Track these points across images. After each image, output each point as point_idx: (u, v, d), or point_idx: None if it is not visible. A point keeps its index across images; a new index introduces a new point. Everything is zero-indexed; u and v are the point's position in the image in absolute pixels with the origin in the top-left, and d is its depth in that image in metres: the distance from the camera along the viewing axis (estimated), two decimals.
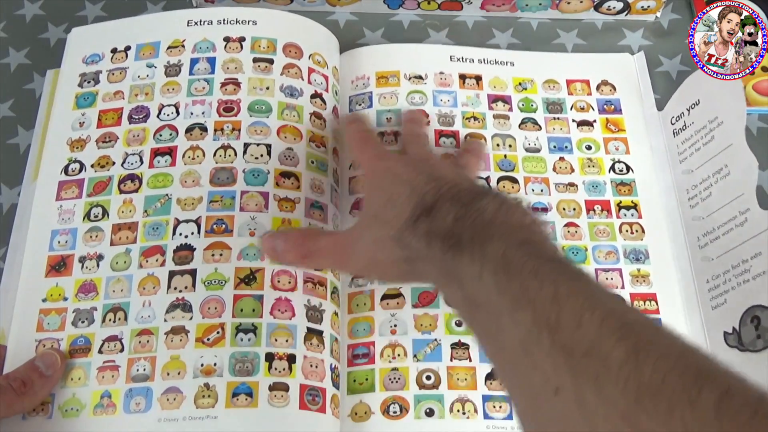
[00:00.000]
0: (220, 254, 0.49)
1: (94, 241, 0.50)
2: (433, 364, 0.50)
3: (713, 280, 0.52)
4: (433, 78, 0.60)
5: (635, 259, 0.54)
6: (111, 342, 0.47)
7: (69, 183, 0.52)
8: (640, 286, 0.53)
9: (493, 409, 0.49)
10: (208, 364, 0.46)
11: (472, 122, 0.58)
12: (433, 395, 0.49)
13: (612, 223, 0.55)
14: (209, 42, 0.56)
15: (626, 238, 0.55)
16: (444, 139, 0.57)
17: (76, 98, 0.55)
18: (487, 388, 0.49)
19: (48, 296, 0.48)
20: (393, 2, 0.65)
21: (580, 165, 0.58)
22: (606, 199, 0.56)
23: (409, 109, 0.58)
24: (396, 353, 0.50)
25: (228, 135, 0.53)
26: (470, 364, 0.50)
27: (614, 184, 0.57)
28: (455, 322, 0.51)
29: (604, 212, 0.56)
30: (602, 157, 0.58)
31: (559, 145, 0.58)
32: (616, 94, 0.61)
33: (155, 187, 0.51)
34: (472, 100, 0.59)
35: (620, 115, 0.60)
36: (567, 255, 0.53)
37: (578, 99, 0.60)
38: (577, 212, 0.56)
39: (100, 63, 0.57)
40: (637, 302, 0.53)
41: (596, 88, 0.61)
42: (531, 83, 0.61)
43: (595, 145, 0.58)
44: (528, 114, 0.59)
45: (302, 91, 0.56)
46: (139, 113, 0.54)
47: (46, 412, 0.45)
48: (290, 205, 0.51)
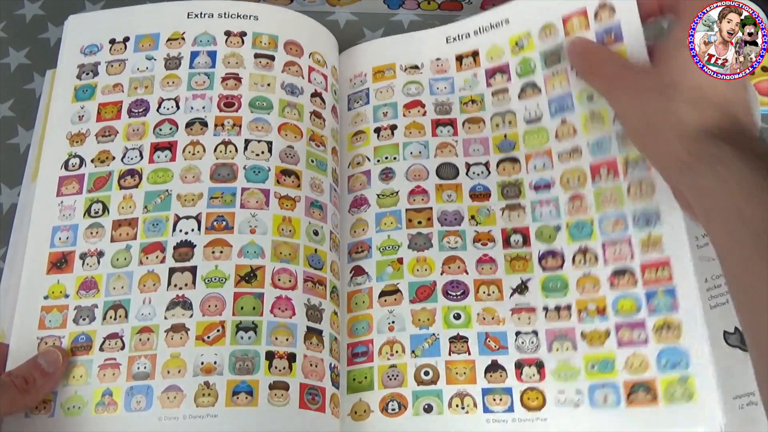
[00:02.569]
0: (220, 251, 0.49)
1: (94, 237, 0.50)
2: (431, 360, 0.50)
3: (713, 280, 0.53)
4: (429, 66, 0.59)
5: (645, 222, 0.50)
6: (112, 339, 0.47)
7: (69, 178, 0.52)
8: (650, 253, 0.49)
9: (493, 402, 0.48)
10: (209, 362, 0.46)
11: (470, 106, 0.57)
12: (432, 391, 0.49)
13: (619, 186, 0.51)
14: (210, 35, 0.56)
15: (635, 199, 0.51)
16: (441, 128, 0.57)
17: (75, 90, 0.55)
18: (486, 381, 0.49)
19: (49, 293, 0.48)
20: (393, 2, 0.65)
21: (582, 122, 0.53)
22: (612, 157, 0.52)
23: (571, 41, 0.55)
24: (394, 350, 0.50)
25: (229, 130, 0.52)
26: (469, 357, 0.50)
27: (619, 137, 0.52)
28: (453, 315, 0.51)
29: (611, 173, 0.52)
30: (605, 108, 0.53)
31: (560, 105, 0.55)
32: (615, 16, 0.54)
33: (155, 182, 0.51)
34: (470, 83, 0.58)
35: (622, 43, 0.53)
36: (571, 232, 0.53)
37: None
38: (581, 181, 0.53)
39: (99, 54, 0.56)
40: (648, 272, 0.49)
41: (594, 16, 0.55)
42: (527, 38, 0.57)
43: (597, 93, 0.54)
44: (527, 78, 0.57)
45: (303, 89, 0.55)
46: (139, 107, 0.54)
47: (48, 410, 0.45)
48: (291, 204, 0.51)
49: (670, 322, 0.48)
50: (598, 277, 0.50)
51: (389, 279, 0.52)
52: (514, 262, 0.52)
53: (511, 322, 0.51)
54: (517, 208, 0.54)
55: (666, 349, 0.47)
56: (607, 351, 0.48)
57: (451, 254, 0.53)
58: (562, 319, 0.50)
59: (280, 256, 0.49)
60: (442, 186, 0.55)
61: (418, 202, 0.54)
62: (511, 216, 0.54)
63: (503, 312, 0.51)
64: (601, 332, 0.49)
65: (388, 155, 0.56)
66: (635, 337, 0.48)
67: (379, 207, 0.55)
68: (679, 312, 0.48)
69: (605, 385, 0.48)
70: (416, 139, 0.56)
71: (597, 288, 0.50)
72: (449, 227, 0.53)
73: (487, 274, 0.52)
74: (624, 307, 0.49)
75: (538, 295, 0.51)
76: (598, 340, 0.49)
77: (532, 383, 0.49)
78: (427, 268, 0.52)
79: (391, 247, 0.53)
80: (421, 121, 0.57)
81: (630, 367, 0.48)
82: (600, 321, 0.49)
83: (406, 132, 0.57)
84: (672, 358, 0.47)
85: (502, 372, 0.49)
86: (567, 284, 0.51)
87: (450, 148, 0.56)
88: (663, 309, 0.48)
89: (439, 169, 0.55)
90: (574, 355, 0.49)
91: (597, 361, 0.48)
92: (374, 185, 0.55)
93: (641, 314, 0.48)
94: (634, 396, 0.47)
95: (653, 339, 0.48)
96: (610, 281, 0.50)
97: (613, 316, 0.49)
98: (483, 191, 0.55)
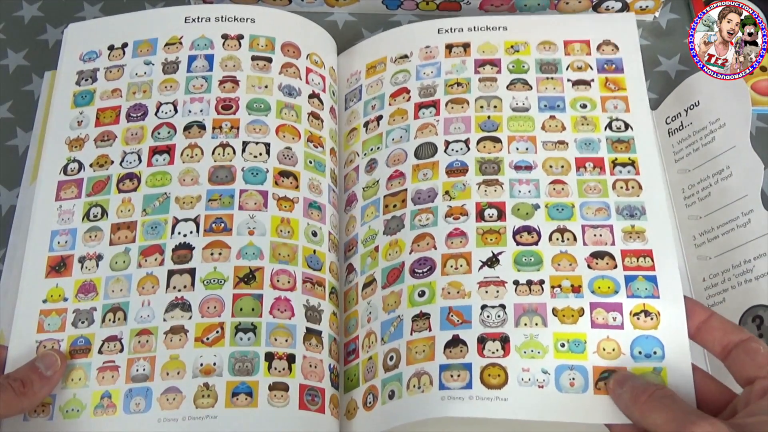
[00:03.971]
0: (219, 253, 0.49)
1: (93, 241, 0.50)
2: (395, 343, 0.47)
3: (710, 279, 0.52)
4: (417, 53, 0.58)
5: (629, 215, 0.49)
6: (111, 342, 0.47)
7: (68, 183, 0.52)
8: (633, 242, 0.48)
9: (450, 379, 0.45)
10: (208, 363, 0.46)
11: (455, 88, 0.55)
12: (394, 376, 0.46)
13: (605, 180, 0.51)
14: (207, 39, 0.56)
15: (620, 194, 0.50)
16: (424, 110, 0.55)
17: (74, 96, 0.55)
18: (445, 357, 0.46)
19: (48, 297, 0.48)
20: (392, 3, 0.65)
21: (572, 123, 0.53)
22: (599, 156, 0.52)
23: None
24: (371, 341, 0.49)
25: (226, 133, 0.53)
26: (429, 333, 0.47)
27: (610, 142, 0.52)
28: (418, 293, 0.48)
29: (596, 169, 0.51)
30: (598, 116, 0.54)
31: (551, 104, 0.54)
32: (618, 53, 0.56)
33: (154, 185, 0.51)
34: (457, 67, 0.56)
35: (621, 74, 0.55)
36: (550, 212, 0.50)
37: (576, 59, 0.56)
38: (565, 169, 0.52)
39: (98, 60, 0.56)
40: (629, 259, 0.48)
41: (597, 48, 0.57)
42: (524, 45, 0.57)
43: (591, 104, 0.54)
44: (518, 75, 0.56)
45: (300, 90, 0.55)
46: (137, 111, 0.54)
47: (47, 413, 0.45)
48: (289, 205, 0.51)
49: (650, 309, 0.46)
50: (574, 256, 0.48)
51: (369, 270, 0.51)
52: (486, 235, 0.49)
53: (478, 295, 0.47)
54: (494, 184, 0.51)
55: (641, 337, 0.45)
56: (580, 330, 0.46)
57: (421, 232, 0.50)
58: (534, 293, 0.47)
59: (279, 257, 0.49)
60: (419, 166, 0.53)
61: (395, 186, 0.53)
62: (488, 191, 0.51)
63: (469, 285, 0.48)
64: (574, 310, 0.46)
65: (373, 146, 0.55)
66: (610, 319, 0.46)
67: (364, 200, 0.54)
68: (659, 299, 0.46)
69: (573, 367, 0.45)
70: (399, 125, 0.55)
71: (573, 266, 0.48)
72: (422, 205, 0.51)
73: (456, 247, 0.49)
74: (601, 288, 0.47)
75: (510, 269, 0.48)
76: (570, 317, 0.46)
77: (494, 358, 0.45)
78: (397, 251, 0.50)
79: (370, 238, 0.52)
80: (405, 107, 0.56)
81: (602, 351, 0.45)
82: (575, 298, 0.47)
83: (390, 120, 0.56)
84: (646, 348, 0.45)
85: (463, 347, 0.46)
86: (542, 260, 0.48)
87: (431, 128, 0.54)
88: (642, 294, 0.46)
89: (417, 150, 0.53)
90: (544, 332, 0.46)
91: (567, 340, 0.45)
92: (361, 179, 0.55)
93: (619, 297, 0.46)
94: (602, 383, 0.44)
95: (629, 324, 0.46)
96: (587, 261, 0.48)
97: (590, 294, 0.47)
98: (460, 167, 0.52)
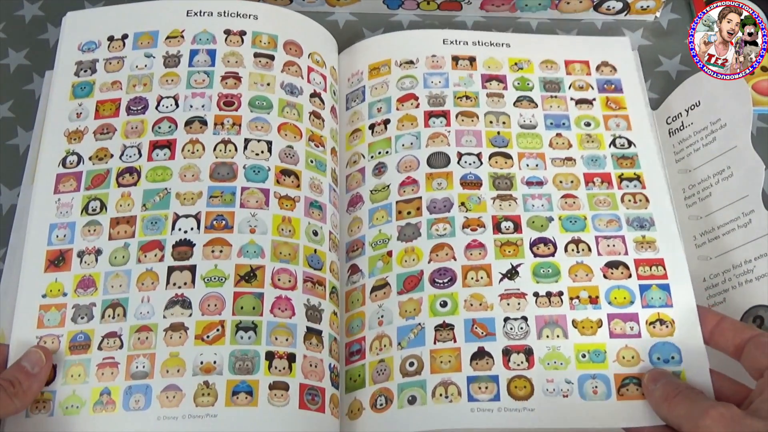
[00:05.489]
0: (220, 250, 0.48)
1: (92, 235, 0.49)
2: (416, 350, 0.48)
3: (710, 279, 0.53)
4: (424, 61, 0.59)
5: (639, 226, 0.52)
6: (110, 338, 0.46)
7: (67, 176, 0.51)
8: (645, 252, 0.51)
9: (479, 391, 0.46)
10: (208, 361, 0.45)
11: (464, 101, 0.57)
12: (416, 382, 0.47)
13: (613, 194, 0.54)
14: (209, 34, 0.56)
15: (629, 207, 0.53)
16: (434, 119, 0.56)
17: (72, 88, 0.55)
18: (472, 368, 0.47)
19: (48, 292, 0.48)
20: (392, 2, 0.65)
21: (578, 140, 0.56)
22: (606, 172, 0.55)
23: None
24: (383, 344, 0.49)
25: (228, 129, 0.52)
26: (455, 345, 0.48)
27: (615, 158, 0.55)
28: (439, 303, 0.49)
29: (605, 184, 0.54)
30: (602, 133, 0.56)
31: (556, 122, 0.57)
32: (617, 74, 0.59)
33: (154, 180, 0.51)
34: (464, 81, 0.58)
35: (621, 94, 0.58)
36: (564, 224, 0.52)
37: (577, 78, 0.59)
38: (574, 184, 0.54)
39: (97, 51, 0.56)
40: (642, 268, 0.50)
41: (596, 68, 0.60)
42: (528, 63, 0.59)
43: (595, 122, 0.57)
44: (524, 92, 0.58)
45: (302, 89, 0.55)
46: (138, 104, 0.53)
47: (48, 409, 0.45)
48: (290, 204, 0.51)
49: (664, 318, 0.48)
50: (590, 267, 0.50)
51: (380, 274, 0.51)
52: (504, 247, 0.51)
53: (500, 307, 0.49)
54: (508, 198, 0.53)
55: (659, 344, 0.48)
56: (599, 341, 0.48)
57: (439, 242, 0.51)
58: (553, 305, 0.49)
59: (280, 256, 0.49)
60: (432, 175, 0.54)
61: (408, 192, 0.53)
62: (503, 205, 0.53)
63: (491, 298, 0.49)
64: (593, 322, 0.49)
65: (381, 150, 0.56)
66: (628, 329, 0.48)
67: (372, 203, 0.54)
68: (673, 308, 0.49)
69: (596, 376, 0.47)
70: (408, 131, 0.56)
71: (590, 276, 0.50)
72: (438, 215, 0.52)
73: (475, 259, 0.50)
74: (617, 299, 0.49)
75: (529, 281, 0.50)
76: (590, 329, 0.48)
77: (519, 371, 0.47)
78: (414, 258, 0.51)
79: (381, 242, 0.52)
80: (414, 113, 0.56)
81: (622, 359, 0.47)
82: (593, 309, 0.49)
83: (398, 125, 0.56)
84: (664, 354, 0.47)
85: (489, 359, 0.47)
86: (559, 271, 0.50)
87: (442, 138, 0.55)
88: (657, 304, 0.49)
89: (430, 159, 0.54)
90: (565, 343, 0.48)
91: (588, 350, 0.48)
92: (368, 182, 0.55)
93: (634, 307, 0.49)
94: (624, 389, 0.47)
95: (646, 332, 0.48)
96: (603, 271, 0.50)
97: (607, 305, 0.49)
98: (474, 180, 0.53)
